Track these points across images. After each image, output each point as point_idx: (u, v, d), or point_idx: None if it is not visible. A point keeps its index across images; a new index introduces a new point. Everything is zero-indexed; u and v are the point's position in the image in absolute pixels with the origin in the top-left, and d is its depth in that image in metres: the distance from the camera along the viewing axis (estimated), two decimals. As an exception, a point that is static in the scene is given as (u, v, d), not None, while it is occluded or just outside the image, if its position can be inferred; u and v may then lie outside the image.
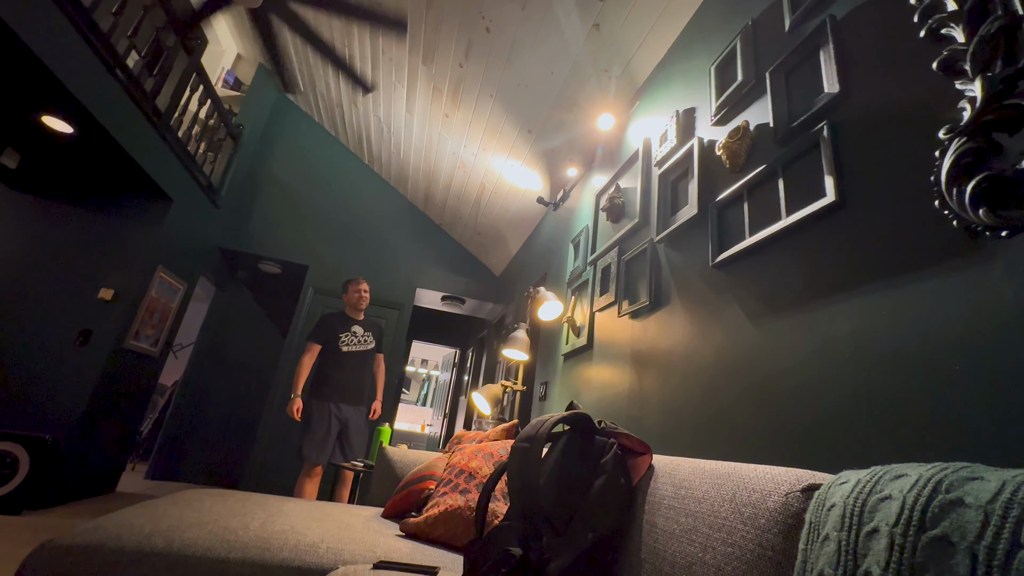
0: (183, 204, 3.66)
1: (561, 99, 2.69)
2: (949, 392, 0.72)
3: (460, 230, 5.07)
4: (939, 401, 0.73)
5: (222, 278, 4.94)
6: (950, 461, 0.67)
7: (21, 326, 3.07)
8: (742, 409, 1.15)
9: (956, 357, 0.73)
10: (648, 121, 2.12)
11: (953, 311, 0.75)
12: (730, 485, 0.72)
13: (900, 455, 0.77)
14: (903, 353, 0.80)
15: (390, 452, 2.09)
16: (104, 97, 2.64)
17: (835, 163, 1.02)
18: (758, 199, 1.26)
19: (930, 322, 0.78)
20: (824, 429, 0.92)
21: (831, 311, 0.96)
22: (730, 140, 1.38)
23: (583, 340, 2.25)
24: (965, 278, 0.75)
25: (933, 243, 0.80)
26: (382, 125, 4.35)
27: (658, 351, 1.62)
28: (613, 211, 2.22)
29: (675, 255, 1.65)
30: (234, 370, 5.00)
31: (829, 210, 1.01)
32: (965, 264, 0.75)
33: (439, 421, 6.68)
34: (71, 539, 1.01)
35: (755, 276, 1.22)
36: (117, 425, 3.46)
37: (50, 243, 3.25)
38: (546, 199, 3.40)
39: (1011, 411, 0.64)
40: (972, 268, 0.74)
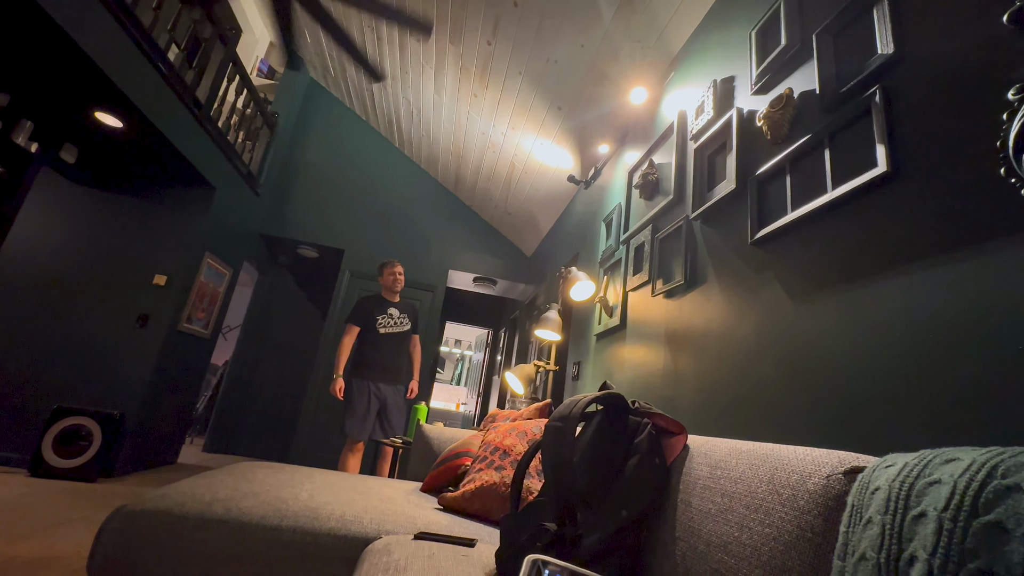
0: (226, 192, 3.81)
1: (592, 73, 2.62)
2: (1010, 375, 0.68)
3: (491, 211, 5.07)
4: (998, 384, 0.69)
5: (264, 263, 5.14)
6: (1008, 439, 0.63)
7: (87, 311, 3.31)
8: (781, 390, 1.12)
9: (1020, 337, 0.68)
10: (683, 93, 2.04)
11: (1018, 288, 0.70)
12: (768, 466, 0.71)
13: (950, 440, 0.73)
14: (960, 333, 0.76)
15: (427, 429, 2.16)
16: (149, 91, 2.75)
17: (887, 131, 0.95)
18: (802, 172, 1.20)
19: (992, 299, 0.73)
20: (869, 411, 0.88)
21: (881, 288, 0.92)
22: (772, 110, 1.31)
23: (616, 320, 2.23)
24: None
25: (997, 215, 0.74)
26: (411, 108, 4.36)
27: (693, 331, 1.59)
28: (646, 188, 2.17)
29: (712, 232, 1.60)
30: (278, 350, 5.25)
31: (880, 181, 0.95)
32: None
33: (473, 400, 6.82)
34: (141, 505, 1.10)
35: (797, 253, 1.17)
36: (175, 402, 3.71)
37: (108, 232, 3.47)
38: (577, 177, 3.35)
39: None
40: (1041, 241, 0.69)
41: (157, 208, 3.56)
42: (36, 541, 1.83)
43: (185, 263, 3.50)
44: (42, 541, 1.83)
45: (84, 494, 2.60)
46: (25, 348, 3.18)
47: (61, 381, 3.16)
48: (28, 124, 2.76)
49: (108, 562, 1.05)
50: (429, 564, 0.90)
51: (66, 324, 3.26)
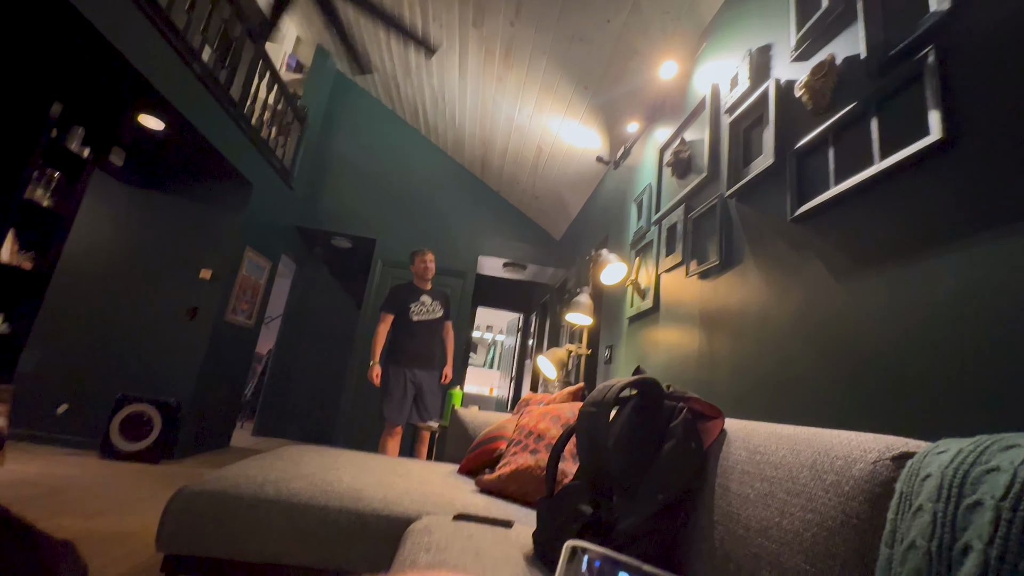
0: (262, 188, 3.94)
1: (619, 49, 2.54)
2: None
3: (518, 196, 5.04)
4: (1066, 363, 0.65)
5: (301, 255, 5.31)
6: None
7: (142, 304, 3.52)
8: (823, 372, 1.09)
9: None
10: (716, 65, 1.96)
11: (1090, 260, 0.65)
12: (810, 451, 0.69)
13: (1008, 426, 0.69)
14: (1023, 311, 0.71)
15: (462, 413, 2.20)
16: (186, 92, 2.86)
17: (942, 95, 0.89)
18: (846, 143, 1.13)
19: (1059, 274, 0.68)
20: (919, 394, 0.85)
21: (934, 264, 0.87)
22: (813, 78, 1.24)
23: (648, 302, 2.20)
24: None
25: (1067, 181, 0.69)
26: (436, 95, 4.35)
27: (730, 312, 1.55)
28: (678, 166, 2.11)
29: (748, 210, 1.54)
30: (318, 338, 5.44)
31: (934, 150, 0.89)
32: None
33: (506, 384, 6.90)
34: (201, 486, 1.18)
35: (841, 229, 1.11)
36: (225, 389, 3.92)
37: (156, 229, 3.65)
38: (605, 157, 3.28)
39: None
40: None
41: (199, 205, 3.72)
42: (110, 517, 1.99)
43: (227, 257, 3.66)
44: (115, 518, 1.99)
45: (148, 475, 2.80)
46: (89, 340, 3.42)
47: (122, 371, 3.38)
48: (80, 130, 2.91)
49: (174, 538, 1.13)
50: (468, 544, 0.93)
51: (124, 317, 3.48)
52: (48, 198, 2.79)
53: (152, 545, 1.15)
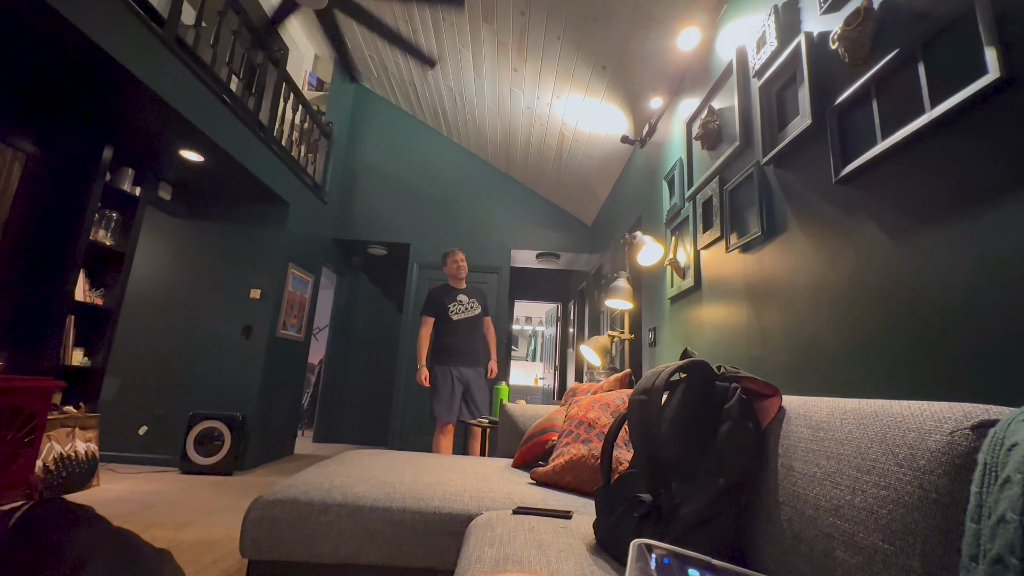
0: (298, 205, 4.09)
1: (635, 22, 2.46)
2: None
3: (545, 185, 5.01)
4: None
5: (340, 266, 5.49)
6: None
7: (202, 327, 3.74)
8: (887, 339, 1.03)
9: None
10: (740, 25, 1.87)
11: None
12: (878, 425, 0.66)
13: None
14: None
15: (510, 408, 2.23)
16: (219, 124, 2.99)
17: (998, 28, 0.81)
18: (891, 93, 1.06)
19: None
20: (996, 357, 0.79)
21: (1004, 214, 0.80)
22: (848, 28, 1.17)
23: (690, 281, 2.14)
24: None
25: None
26: (454, 94, 4.37)
27: (778, 284, 1.49)
28: (708, 137, 2.03)
29: (788, 176, 1.47)
30: (364, 344, 5.62)
31: (993, 90, 0.82)
32: None
33: (550, 374, 6.91)
34: (274, 495, 1.25)
35: (894, 187, 1.04)
36: (284, 400, 4.13)
37: (206, 256, 3.87)
38: (631, 137, 3.20)
39: None
40: None
41: (242, 228, 3.90)
42: (196, 528, 2.14)
43: (273, 275, 3.83)
44: (200, 527, 2.15)
45: (224, 486, 2.99)
46: (159, 365, 3.67)
47: (191, 390, 3.62)
48: (130, 171, 3.12)
49: (255, 544, 1.21)
50: (531, 537, 0.95)
51: (186, 340, 3.72)
52: (109, 238, 3.01)
53: (237, 551, 1.24)
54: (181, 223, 3.89)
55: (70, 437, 2.60)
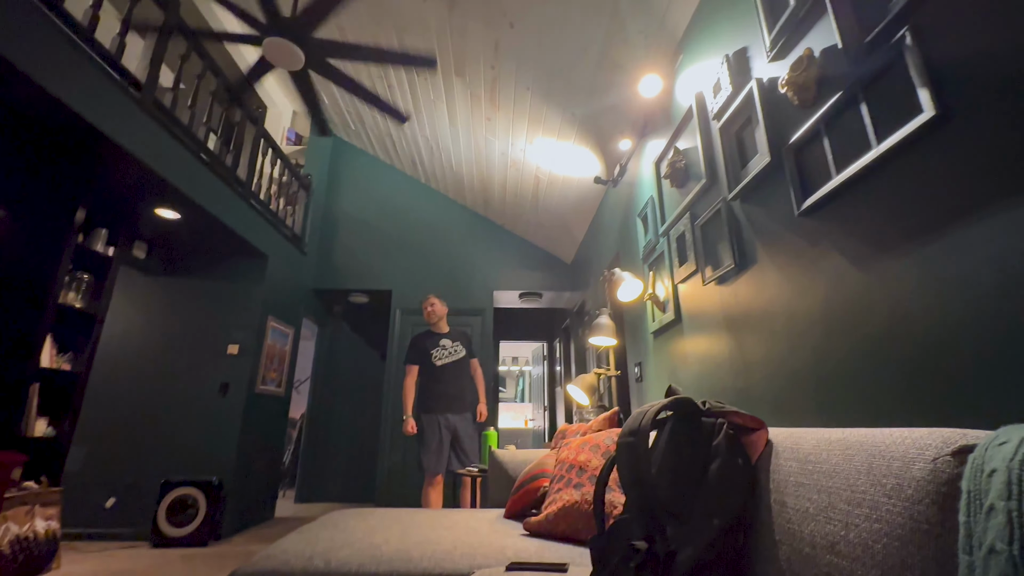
0: (277, 258, 4.07)
1: (599, 74, 2.61)
2: None
3: (524, 226, 5.10)
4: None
5: (321, 316, 5.41)
6: None
7: (176, 388, 3.60)
8: (863, 366, 1.05)
9: None
10: (696, 73, 1.99)
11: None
12: (864, 455, 0.66)
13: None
14: (1058, 275, 0.68)
15: (500, 455, 2.17)
16: (197, 181, 3.01)
17: (928, 72, 0.89)
18: (840, 131, 1.13)
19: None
20: (968, 377, 0.81)
21: (957, 240, 0.84)
22: (794, 73, 1.25)
23: (670, 315, 2.17)
24: None
25: (1075, 140, 0.67)
26: (431, 144, 4.49)
27: (754, 314, 1.52)
28: (676, 176, 2.12)
29: (754, 210, 1.53)
30: (348, 395, 5.47)
31: (932, 126, 0.88)
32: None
33: (540, 414, 6.79)
34: (252, 567, 1.17)
35: (852, 217, 1.10)
36: (264, 460, 3.94)
37: (182, 314, 3.77)
38: (603, 177, 3.31)
39: None
40: None
41: (219, 283, 3.84)
42: (165, 609, 1.98)
43: (252, 329, 3.75)
44: (170, 609, 1.98)
45: (199, 559, 2.79)
46: (130, 431, 3.49)
47: (164, 456, 3.43)
48: (103, 231, 3.07)
49: (230, 626, 1.12)
50: (525, 597, 0.90)
51: (160, 403, 3.56)
52: (80, 300, 2.92)
53: (210, 636, 1.14)
54: (156, 281, 3.82)
55: (29, 516, 2.41)
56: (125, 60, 2.58)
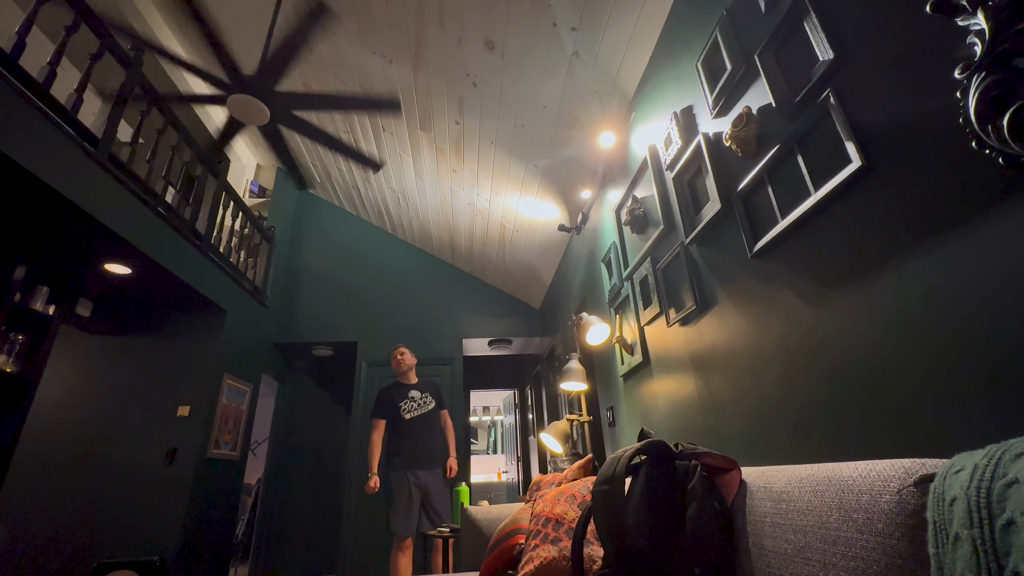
0: (235, 312, 3.91)
1: (559, 129, 2.75)
2: (1052, 340, 0.65)
3: (491, 273, 5.14)
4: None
5: (282, 371, 5.17)
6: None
7: (116, 458, 3.30)
8: (825, 398, 1.08)
9: (1048, 300, 0.66)
10: (648, 128, 2.13)
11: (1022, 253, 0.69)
12: (833, 490, 0.67)
13: (1009, 420, 0.69)
14: (988, 304, 0.74)
15: (472, 512, 2.06)
16: (152, 235, 2.91)
17: (852, 127, 0.98)
18: (781, 180, 1.22)
19: (1009, 263, 0.72)
20: (919, 405, 0.84)
21: (893, 276, 0.91)
22: (735, 129, 1.36)
23: (638, 357, 2.19)
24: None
25: (982, 185, 0.75)
26: (397, 195, 4.55)
27: (719, 353, 1.55)
28: (636, 223, 2.21)
29: (710, 253, 1.61)
30: (309, 456, 5.15)
31: (860, 175, 0.97)
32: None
33: (514, 466, 6.57)
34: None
35: (799, 258, 1.16)
36: (214, 533, 3.60)
37: (128, 375, 3.52)
38: (567, 225, 3.42)
39: None
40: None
41: (172, 341, 3.64)
42: None
43: (206, 389, 3.53)
44: None
45: (133, 656, 2.45)
46: (62, 508, 3.14)
47: (101, 534, 3.08)
48: (44, 290, 2.89)
49: None
50: (503, 671, 0.83)
51: (98, 475, 3.24)
52: (11, 364, 2.69)
53: None
54: (101, 340, 3.58)
55: (-72, 619, 2.08)
56: (84, 115, 2.54)
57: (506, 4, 2.21)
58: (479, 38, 2.45)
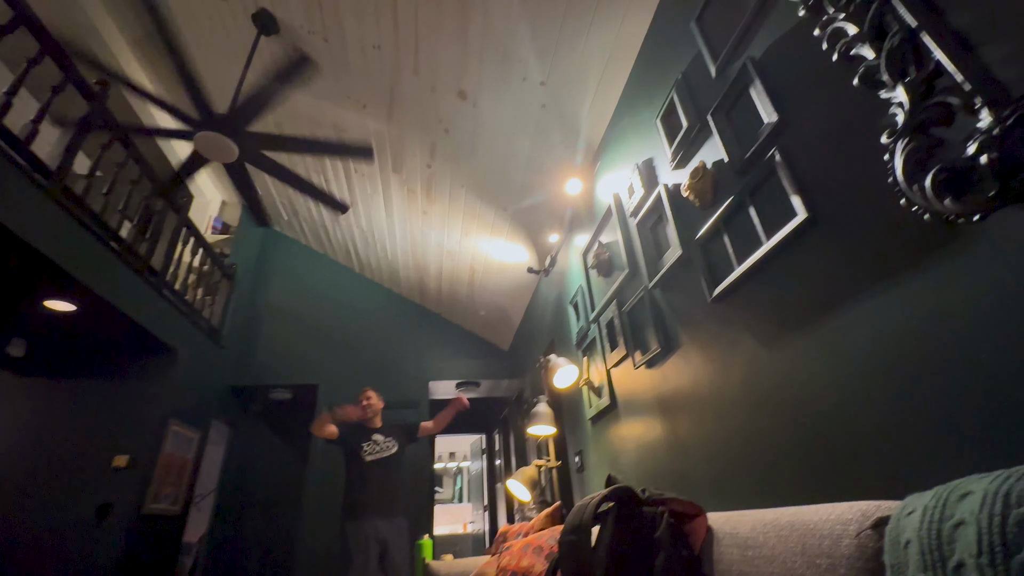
0: (187, 353, 3.70)
1: (528, 175, 2.84)
2: (983, 380, 0.70)
3: (460, 314, 5.11)
4: (975, 392, 0.70)
5: (235, 416, 4.87)
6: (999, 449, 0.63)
7: (40, 512, 2.97)
8: (786, 440, 1.10)
9: (976, 342, 0.71)
10: (613, 177, 2.23)
11: (951, 302, 0.74)
12: (796, 536, 0.67)
13: (954, 456, 0.72)
14: (926, 349, 0.79)
15: (435, 567, 1.95)
16: (102, 271, 2.76)
17: (797, 183, 1.06)
18: (736, 229, 1.29)
19: (943, 312, 0.77)
20: (872, 445, 0.87)
21: (841, 322, 0.96)
22: (693, 181, 1.44)
23: (605, 400, 2.19)
24: (958, 264, 0.75)
25: (914, 237, 0.81)
26: (366, 234, 4.53)
27: (684, 396, 1.57)
28: (602, 266, 2.26)
29: (673, 297, 1.66)
30: (260, 508, 4.78)
31: (806, 226, 1.03)
32: (954, 251, 0.76)
33: (480, 515, 6.29)
34: None
35: (755, 303, 1.22)
36: (145, 601, 3.23)
37: (62, 422, 3.24)
38: (535, 268, 3.47)
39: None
40: (962, 254, 0.75)
41: (115, 385, 3.39)
42: None
43: (148, 437, 3.27)
44: None
45: None
46: (-38, 577, 2.77)
47: (6, 609, 2.72)
48: (-28, 327, 2.67)
49: None
50: None
51: (17, 537, 2.90)
52: (-76, 409, 2.43)
53: None
54: (33, 384, 3.30)
55: None
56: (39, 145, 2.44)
57: (479, 58, 2.32)
58: (452, 88, 2.55)
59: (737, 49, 1.29)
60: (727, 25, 1.33)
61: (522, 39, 2.13)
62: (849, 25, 0.92)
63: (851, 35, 0.91)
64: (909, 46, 0.81)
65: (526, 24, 2.06)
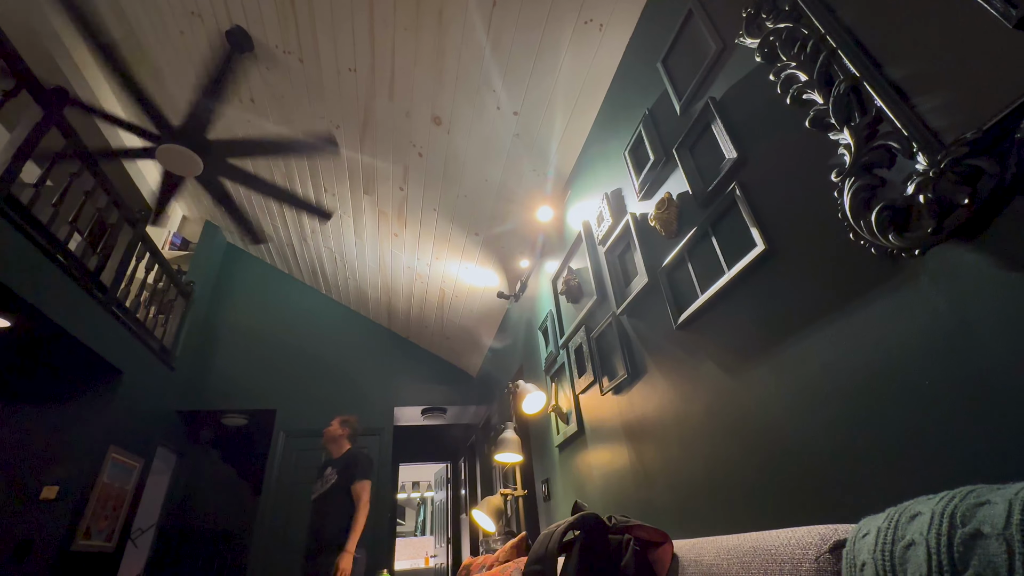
0: (134, 374, 3.48)
1: (499, 201, 2.88)
2: (927, 406, 0.73)
3: (428, 338, 5.03)
4: (920, 417, 0.74)
5: (183, 444, 4.57)
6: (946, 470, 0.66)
7: (-54, 555, 2.67)
8: (748, 466, 1.12)
9: (920, 370, 0.75)
10: (583, 205, 2.28)
11: (902, 327, 0.79)
12: (759, 562, 0.67)
13: (906, 477, 0.75)
14: (876, 376, 0.82)
15: (393, 605, 1.85)
16: (44, 285, 2.59)
17: (755, 216, 1.11)
18: (699, 258, 1.34)
19: (887, 341, 0.81)
20: (829, 470, 0.90)
21: (796, 350, 0.99)
22: (659, 211, 1.49)
23: (573, 426, 2.18)
24: (901, 296, 0.80)
25: (862, 270, 0.86)
26: (334, 255, 4.45)
27: (650, 423, 1.58)
28: (571, 292, 2.29)
29: (640, 323, 1.69)
30: (205, 544, 4.46)
31: (764, 257, 1.08)
32: (898, 283, 0.80)
33: (443, 548, 6.06)
34: None
35: (718, 330, 1.25)
36: (66, 652, 2.92)
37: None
38: (506, 292, 3.48)
39: (985, 414, 0.65)
40: (905, 286, 0.79)
41: (49, 408, 3.14)
42: None
43: (83, 465, 3.02)
44: None
45: None
46: None
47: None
48: None
49: None
50: None
51: (-87, 580, 2.59)
52: None
53: None
54: (-47, 406, 3.02)
55: None
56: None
57: (454, 86, 2.37)
58: (427, 113, 2.58)
59: (700, 89, 1.37)
60: (691, 66, 1.41)
61: (497, 70, 2.19)
62: (800, 72, 0.99)
63: (802, 81, 0.98)
64: (853, 94, 0.88)
65: (501, 55, 2.12)
